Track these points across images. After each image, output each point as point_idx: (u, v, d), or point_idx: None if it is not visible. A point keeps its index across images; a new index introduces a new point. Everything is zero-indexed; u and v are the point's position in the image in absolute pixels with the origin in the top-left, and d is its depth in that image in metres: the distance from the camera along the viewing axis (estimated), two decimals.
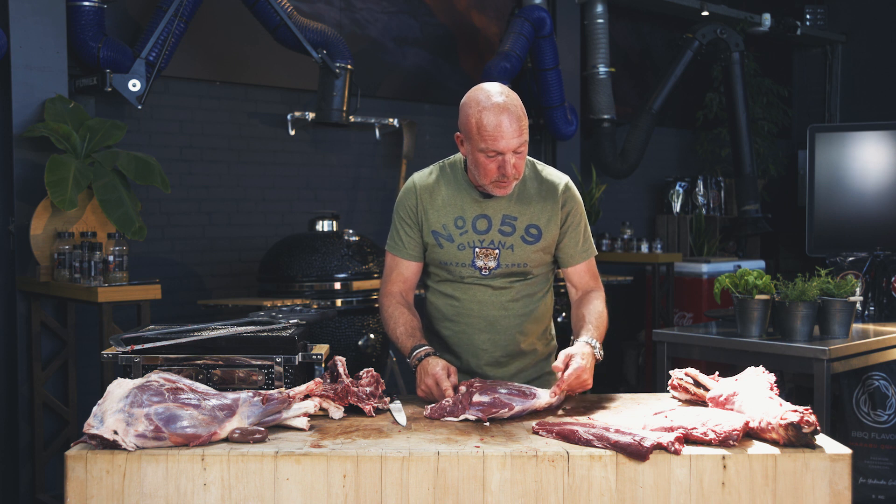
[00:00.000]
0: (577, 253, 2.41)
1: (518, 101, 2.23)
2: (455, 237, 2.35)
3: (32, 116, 3.87)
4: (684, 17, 7.10)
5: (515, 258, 2.35)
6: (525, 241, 2.34)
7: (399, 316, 2.38)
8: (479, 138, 2.20)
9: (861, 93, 8.02)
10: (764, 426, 1.79)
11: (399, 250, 2.43)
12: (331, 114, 4.77)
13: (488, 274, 2.36)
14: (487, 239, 2.34)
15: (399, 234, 2.42)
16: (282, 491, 1.70)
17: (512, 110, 2.18)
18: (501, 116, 2.17)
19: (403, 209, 2.41)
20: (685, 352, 3.52)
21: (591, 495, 1.72)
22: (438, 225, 2.36)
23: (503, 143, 2.18)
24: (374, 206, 5.45)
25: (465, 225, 2.35)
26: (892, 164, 4.79)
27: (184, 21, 4.20)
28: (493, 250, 2.34)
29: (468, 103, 2.23)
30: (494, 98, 2.19)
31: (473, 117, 2.20)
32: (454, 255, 2.36)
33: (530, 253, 2.35)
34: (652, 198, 7.29)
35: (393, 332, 2.38)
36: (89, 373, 4.18)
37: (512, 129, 2.18)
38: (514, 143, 2.19)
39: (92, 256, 3.62)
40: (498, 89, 2.22)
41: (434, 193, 2.38)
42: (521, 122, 2.20)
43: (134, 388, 1.78)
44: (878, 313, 3.95)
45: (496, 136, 2.17)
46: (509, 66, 5.42)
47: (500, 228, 2.34)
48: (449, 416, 2.01)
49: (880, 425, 3.96)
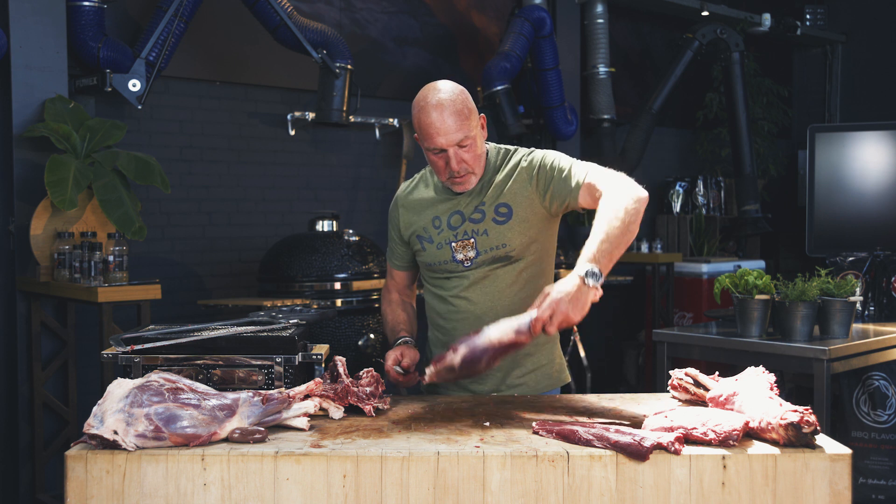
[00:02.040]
0: (572, 183, 2.23)
1: (460, 96, 2.19)
2: (434, 237, 2.37)
3: (32, 116, 3.87)
4: (684, 17, 7.10)
5: (492, 241, 2.31)
6: (496, 222, 2.31)
7: (389, 314, 2.55)
8: (422, 137, 2.23)
9: (861, 93, 8.02)
10: (764, 426, 1.79)
11: (391, 260, 2.57)
12: (331, 114, 4.77)
13: (471, 265, 2.34)
14: (461, 231, 2.34)
15: (390, 244, 2.54)
16: (282, 491, 1.70)
17: (448, 105, 2.17)
18: (438, 113, 2.17)
19: (391, 222, 2.50)
20: (685, 352, 3.52)
21: (591, 495, 1.72)
22: (420, 228, 2.40)
23: (442, 139, 2.18)
24: (374, 206, 5.45)
25: (441, 224, 2.37)
26: (892, 164, 4.79)
27: (184, 21, 4.20)
28: (469, 240, 2.33)
29: (414, 104, 2.25)
30: (432, 96, 2.19)
31: (416, 118, 2.23)
32: (435, 254, 2.38)
33: (506, 232, 2.30)
34: (652, 198, 7.25)
35: (386, 327, 2.54)
36: (89, 373, 4.18)
37: (449, 124, 2.16)
38: (455, 137, 2.18)
39: (92, 256, 3.62)
40: (439, 86, 2.21)
41: (413, 200, 2.44)
42: (462, 116, 2.17)
43: (134, 388, 1.78)
44: (878, 313, 3.95)
45: (434, 133, 2.18)
46: (509, 66, 5.42)
47: (471, 217, 2.33)
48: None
49: (880, 425, 3.96)
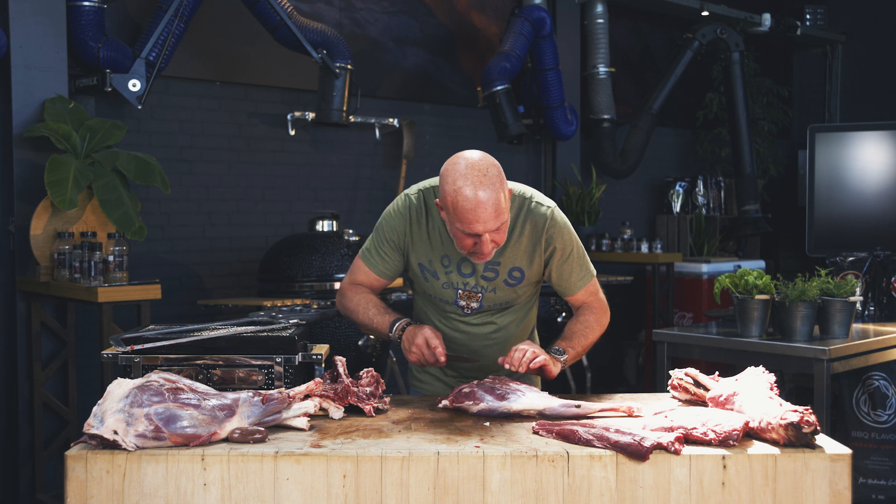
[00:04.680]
0: (572, 284, 2.35)
1: (497, 178, 2.08)
2: (440, 275, 2.32)
3: (32, 116, 3.87)
4: (684, 17, 7.10)
5: (499, 298, 2.34)
6: (508, 284, 2.32)
7: (369, 300, 2.36)
8: (454, 217, 2.10)
9: (861, 93, 8.02)
10: (764, 426, 1.79)
11: (372, 264, 2.37)
12: (331, 114, 4.77)
13: (471, 313, 2.36)
14: (471, 283, 2.31)
15: (378, 249, 2.35)
16: (282, 491, 1.70)
17: (489, 192, 2.05)
18: (479, 199, 2.04)
19: (391, 230, 2.32)
20: (685, 352, 3.52)
21: (591, 495, 1.72)
22: (425, 259, 2.32)
23: (480, 226, 2.07)
24: (374, 206, 5.45)
25: (450, 265, 2.30)
26: (892, 164, 4.79)
27: (184, 21, 4.20)
28: (477, 293, 2.32)
29: (445, 177, 2.11)
30: (472, 177, 2.06)
31: (450, 195, 2.08)
32: (438, 291, 2.34)
33: (515, 292, 2.34)
34: (652, 198, 7.29)
35: (364, 315, 2.34)
36: (89, 373, 4.18)
37: (489, 212, 2.06)
38: (492, 225, 2.08)
39: (92, 256, 3.62)
40: (477, 166, 2.08)
41: (424, 226, 2.30)
42: (500, 204, 2.07)
43: (134, 388, 1.78)
44: (878, 313, 3.95)
45: (472, 220, 2.06)
46: (509, 66, 5.42)
47: (484, 274, 2.30)
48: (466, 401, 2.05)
49: (880, 425, 3.96)
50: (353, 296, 2.38)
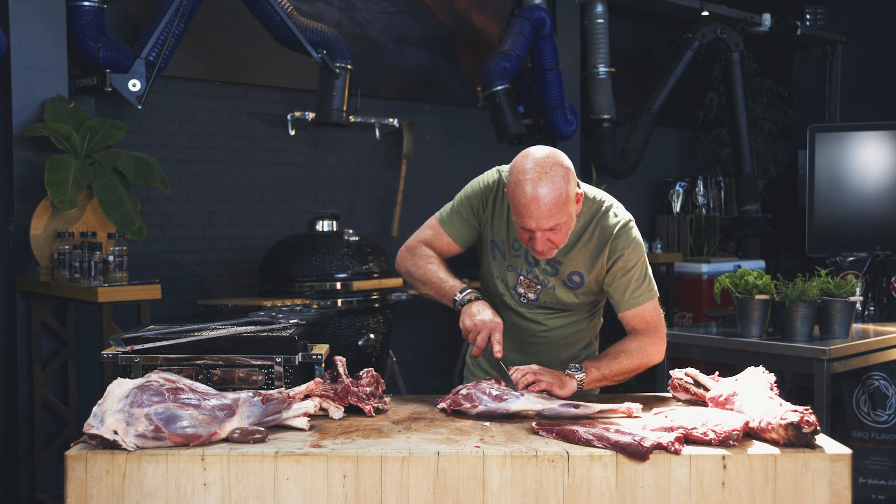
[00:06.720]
0: (625, 300, 2.29)
1: (561, 178, 2.07)
2: (508, 256, 2.33)
3: (32, 116, 3.87)
4: (684, 17, 7.10)
5: (554, 298, 2.33)
6: (566, 286, 2.32)
7: (440, 262, 2.34)
8: (512, 208, 2.13)
9: (861, 93, 8.01)
10: (764, 426, 1.79)
11: (449, 227, 2.36)
12: (331, 114, 4.76)
13: (526, 303, 2.36)
14: (534, 272, 2.31)
15: (458, 213, 2.35)
16: (282, 491, 1.70)
17: (546, 190, 2.05)
18: (533, 195, 2.05)
19: (477, 198, 2.33)
20: (685, 352, 3.52)
21: (591, 495, 1.72)
22: (498, 237, 2.33)
23: (532, 223, 2.09)
24: (374, 206, 5.45)
25: (519, 249, 2.30)
26: (892, 164, 4.79)
27: (184, 21, 4.20)
28: (536, 285, 2.32)
29: (512, 167, 2.13)
30: (532, 172, 2.06)
31: (511, 185, 2.11)
32: (502, 272, 2.35)
33: (570, 296, 2.33)
34: (652, 198, 7.29)
35: (434, 274, 2.31)
36: (89, 373, 4.18)
37: (542, 210, 2.06)
38: (546, 224, 2.08)
39: (92, 256, 3.62)
40: (541, 163, 2.08)
41: (505, 205, 2.29)
42: (558, 205, 2.06)
43: (134, 388, 1.78)
44: (878, 313, 3.95)
45: (524, 214, 2.08)
46: (509, 66, 5.42)
47: (545, 268, 2.30)
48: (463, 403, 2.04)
49: (880, 425, 3.96)
50: (423, 252, 2.36)
